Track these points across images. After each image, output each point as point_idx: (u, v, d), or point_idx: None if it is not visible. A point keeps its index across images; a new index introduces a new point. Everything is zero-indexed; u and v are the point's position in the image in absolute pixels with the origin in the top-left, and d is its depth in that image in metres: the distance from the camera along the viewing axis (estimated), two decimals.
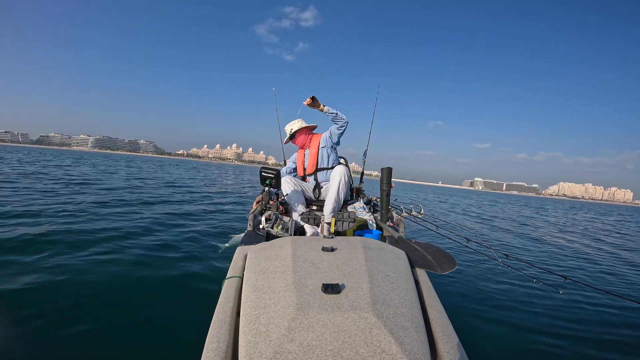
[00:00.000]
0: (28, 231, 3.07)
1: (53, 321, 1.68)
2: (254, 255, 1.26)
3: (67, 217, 3.91)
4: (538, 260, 4.34)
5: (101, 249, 2.82)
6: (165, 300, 2.04)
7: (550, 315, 2.39)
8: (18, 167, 11.14)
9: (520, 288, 2.90)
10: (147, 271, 2.44)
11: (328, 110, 2.45)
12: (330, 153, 2.63)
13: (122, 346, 1.56)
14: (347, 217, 2.00)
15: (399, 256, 1.30)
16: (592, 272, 3.89)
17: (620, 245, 6.59)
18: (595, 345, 2.02)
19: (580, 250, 5.34)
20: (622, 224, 13.04)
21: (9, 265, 2.29)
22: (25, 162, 14.16)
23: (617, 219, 16.49)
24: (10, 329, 1.60)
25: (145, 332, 1.68)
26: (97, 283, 2.16)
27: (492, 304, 2.50)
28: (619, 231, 9.72)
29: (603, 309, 2.61)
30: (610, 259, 4.90)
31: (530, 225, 8.84)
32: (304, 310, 0.84)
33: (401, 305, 0.92)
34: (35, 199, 4.99)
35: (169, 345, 1.60)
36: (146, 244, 3.10)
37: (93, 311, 1.83)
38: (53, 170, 10.98)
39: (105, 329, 1.67)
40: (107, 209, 4.70)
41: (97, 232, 3.30)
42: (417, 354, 0.76)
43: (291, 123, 2.71)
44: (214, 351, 0.79)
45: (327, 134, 2.64)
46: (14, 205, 4.25)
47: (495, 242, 5.51)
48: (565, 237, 7.00)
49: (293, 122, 2.70)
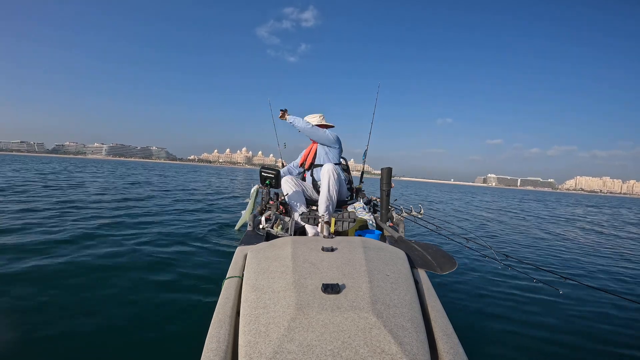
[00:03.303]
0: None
1: (51, 319, 1.68)
2: (254, 255, 1.26)
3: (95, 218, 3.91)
4: (538, 260, 4.34)
5: (101, 245, 2.83)
6: (165, 300, 2.04)
7: (550, 315, 2.39)
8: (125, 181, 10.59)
9: (520, 288, 2.90)
10: (147, 270, 2.44)
11: (288, 119, 2.63)
12: (328, 151, 2.64)
13: (122, 346, 1.56)
14: (347, 217, 2.00)
15: (398, 256, 1.30)
16: (592, 273, 3.89)
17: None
18: (595, 345, 2.02)
19: (587, 246, 5.34)
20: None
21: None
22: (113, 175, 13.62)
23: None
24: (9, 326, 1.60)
25: (145, 332, 1.68)
26: (96, 282, 2.16)
27: (492, 304, 2.50)
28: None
29: (603, 308, 2.61)
30: (616, 256, 4.90)
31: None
32: (304, 310, 0.84)
33: (401, 305, 0.92)
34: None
35: (169, 345, 1.60)
36: (146, 244, 3.10)
37: (90, 310, 1.83)
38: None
39: (103, 328, 1.67)
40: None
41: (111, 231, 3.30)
42: (416, 354, 0.76)
43: (312, 116, 2.72)
44: (213, 351, 0.79)
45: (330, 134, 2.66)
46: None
47: (495, 242, 5.51)
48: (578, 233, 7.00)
49: (314, 116, 2.72)
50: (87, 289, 2.06)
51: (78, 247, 2.84)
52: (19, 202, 4.89)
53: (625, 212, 16.15)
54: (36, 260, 2.41)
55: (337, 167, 2.44)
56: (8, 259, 2.39)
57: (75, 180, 9.59)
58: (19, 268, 2.25)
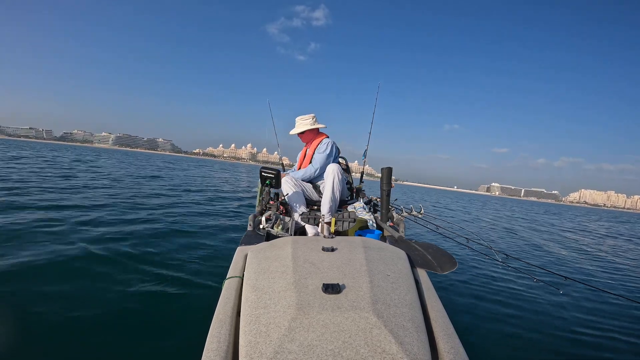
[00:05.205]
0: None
1: (48, 317, 1.68)
2: (254, 255, 1.26)
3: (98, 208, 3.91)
4: (539, 260, 4.33)
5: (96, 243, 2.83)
6: (166, 300, 2.04)
7: (550, 315, 2.39)
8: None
9: (520, 288, 2.90)
10: (148, 270, 2.44)
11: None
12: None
13: (122, 346, 1.56)
14: (347, 217, 2.00)
15: (399, 256, 1.30)
16: (591, 273, 3.89)
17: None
18: (595, 345, 2.02)
19: (583, 251, 5.34)
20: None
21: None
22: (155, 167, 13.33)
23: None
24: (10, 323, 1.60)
25: (145, 332, 1.68)
26: (96, 281, 2.16)
27: (493, 304, 2.50)
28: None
29: (603, 308, 2.61)
30: (613, 259, 4.90)
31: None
32: (304, 310, 0.84)
33: (401, 305, 0.92)
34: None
35: (170, 345, 1.60)
36: (146, 243, 3.10)
37: (90, 310, 1.83)
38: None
39: (104, 328, 1.67)
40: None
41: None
42: (417, 354, 0.76)
43: (304, 118, 2.69)
44: (214, 351, 0.79)
45: (323, 147, 2.62)
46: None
47: (496, 242, 5.51)
48: (572, 238, 7.00)
49: (307, 118, 2.69)
50: (86, 288, 2.06)
51: (68, 240, 2.84)
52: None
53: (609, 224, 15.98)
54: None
55: (339, 167, 2.45)
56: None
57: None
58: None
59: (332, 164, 2.38)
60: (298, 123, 2.71)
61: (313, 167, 2.59)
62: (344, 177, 2.52)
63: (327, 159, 2.58)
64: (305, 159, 2.69)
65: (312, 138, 2.71)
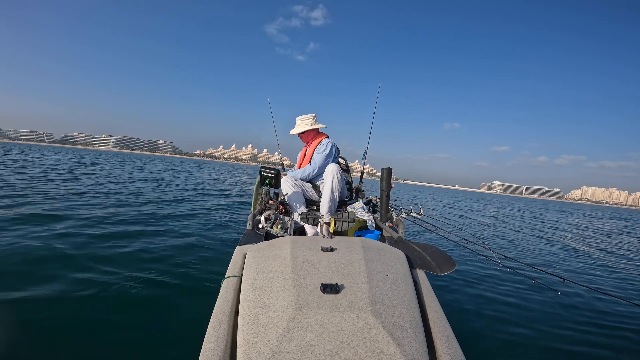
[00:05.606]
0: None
1: (47, 317, 1.68)
2: (253, 254, 1.26)
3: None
4: (538, 261, 4.34)
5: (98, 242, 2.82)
6: (164, 299, 2.04)
7: (548, 316, 2.39)
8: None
9: (519, 289, 2.90)
10: (146, 269, 2.44)
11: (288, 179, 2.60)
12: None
13: (121, 345, 1.56)
14: (347, 217, 2.00)
15: (398, 257, 1.29)
16: (592, 273, 3.90)
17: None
18: (593, 346, 2.02)
19: (582, 252, 5.34)
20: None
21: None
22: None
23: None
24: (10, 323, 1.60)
25: (144, 331, 1.68)
26: (96, 280, 2.16)
27: (491, 305, 2.50)
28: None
29: (602, 309, 2.61)
30: (614, 260, 4.90)
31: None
32: (303, 310, 0.84)
33: (400, 305, 0.92)
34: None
35: (168, 344, 1.60)
36: (144, 242, 3.10)
37: (87, 310, 1.83)
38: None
39: (102, 328, 1.67)
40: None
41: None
42: (415, 354, 0.76)
43: (304, 118, 2.69)
44: (212, 350, 0.79)
45: (322, 147, 2.62)
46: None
47: (494, 243, 5.51)
48: (569, 238, 7.01)
49: (307, 118, 2.69)
50: (81, 287, 2.06)
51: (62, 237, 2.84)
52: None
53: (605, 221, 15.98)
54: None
55: (338, 167, 2.45)
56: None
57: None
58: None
59: (332, 164, 2.38)
60: (298, 123, 2.71)
61: (311, 167, 2.59)
62: (343, 177, 2.51)
63: (326, 159, 2.58)
64: (305, 159, 2.69)
65: (312, 138, 2.71)
